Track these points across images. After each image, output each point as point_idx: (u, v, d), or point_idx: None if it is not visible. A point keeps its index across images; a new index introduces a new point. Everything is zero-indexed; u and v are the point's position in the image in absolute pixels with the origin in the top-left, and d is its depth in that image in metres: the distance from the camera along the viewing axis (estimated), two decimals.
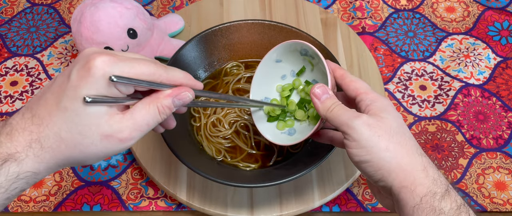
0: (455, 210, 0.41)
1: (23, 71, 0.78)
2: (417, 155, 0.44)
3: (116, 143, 0.38)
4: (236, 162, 0.63)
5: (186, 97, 0.41)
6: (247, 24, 0.69)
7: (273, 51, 0.58)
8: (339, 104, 0.48)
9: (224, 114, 0.67)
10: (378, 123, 0.45)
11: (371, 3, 0.87)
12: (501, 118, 0.73)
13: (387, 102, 0.47)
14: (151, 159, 0.65)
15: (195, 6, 0.83)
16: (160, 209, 0.65)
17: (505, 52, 0.80)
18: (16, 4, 0.87)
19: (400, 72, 0.78)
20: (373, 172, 0.45)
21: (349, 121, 0.45)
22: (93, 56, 0.36)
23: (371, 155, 0.44)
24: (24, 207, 0.64)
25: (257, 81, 0.61)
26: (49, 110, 0.36)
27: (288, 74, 0.63)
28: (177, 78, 0.40)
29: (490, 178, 0.67)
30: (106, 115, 0.37)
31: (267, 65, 0.61)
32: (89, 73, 0.35)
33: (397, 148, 0.44)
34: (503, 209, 0.64)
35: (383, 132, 0.44)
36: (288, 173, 0.56)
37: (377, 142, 0.44)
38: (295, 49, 0.58)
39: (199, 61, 0.69)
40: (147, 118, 0.39)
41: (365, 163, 0.45)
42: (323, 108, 0.48)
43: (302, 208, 0.62)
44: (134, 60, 0.37)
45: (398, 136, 0.44)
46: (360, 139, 0.44)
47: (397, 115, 0.46)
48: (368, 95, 0.48)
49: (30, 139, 0.36)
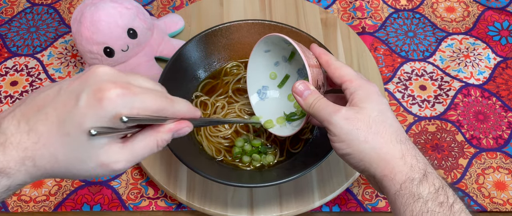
0: (433, 194, 0.43)
1: (23, 71, 0.78)
2: (396, 143, 0.45)
3: (109, 171, 0.37)
4: (236, 162, 0.63)
5: (186, 132, 0.41)
6: (247, 24, 0.69)
7: (258, 44, 0.59)
8: (321, 99, 0.49)
9: (224, 114, 0.67)
10: (357, 115, 0.46)
11: (371, 3, 0.87)
12: (501, 118, 0.73)
13: (371, 89, 0.48)
14: (151, 159, 0.65)
15: (195, 6, 0.83)
16: (160, 209, 0.65)
17: (505, 52, 0.80)
18: (16, 4, 0.87)
19: (400, 72, 0.78)
20: (356, 163, 0.47)
21: (329, 117, 0.46)
22: (107, 86, 0.34)
23: (351, 147, 0.46)
24: (24, 207, 0.64)
25: (252, 74, 0.64)
26: (48, 129, 0.35)
27: (281, 60, 0.64)
28: (181, 112, 0.40)
29: (490, 178, 0.67)
30: (106, 145, 0.36)
31: (258, 57, 0.62)
32: (100, 105, 0.34)
33: (375, 139, 0.45)
34: (503, 209, 0.64)
35: (361, 124, 0.45)
36: (288, 173, 0.56)
37: (356, 135, 0.45)
38: (279, 40, 0.58)
39: (199, 61, 0.69)
40: (144, 151, 0.38)
41: (348, 156, 0.47)
42: (305, 105, 0.50)
43: (302, 208, 0.62)
44: (145, 93, 0.36)
45: (376, 125, 0.46)
46: (340, 133, 0.46)
47: (379, 102, 0.47)
48: (353, 83, 0.49)
49: (24, 156, 0.35)
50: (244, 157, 0.63)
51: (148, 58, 0.71)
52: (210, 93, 0.69)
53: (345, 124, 0.45)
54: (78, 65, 0.79)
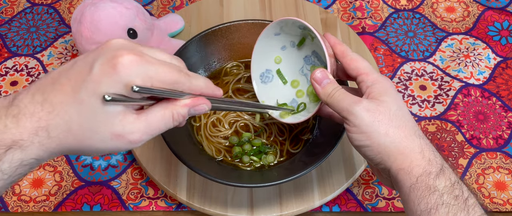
0: (449, 187, 0.43)
1: (23, 71, 0.78)
2: (416, 138, 0.46)
3: (125, 144, 0.37)
4: (236, 162, 0.63)
5: (203, 109, 0.40)
6: (247, 24, 0.69)
7: (271, 26, 0.59)
8: (339, 89, 0.49)
9: (224, 114, 0.67)
10: (378, 108, 0.46)
11: (371, 3, 0.87)
12: (501, 118, 0.73)
13: (388, 84, 0.48)
14: (151, 159, 0.65)
15: (195, 6, 0.83)
16: (160, 209, 0.65)
17: (505, 52, 0.80)
18: (16, 4, 0.87)
19: (400, 72, 0.78)
20: (373, 156, 0.46)
21: (350, 107, 0.46)
22: (120, 52, 0.34)
23: (371, 140, 0.45)
24: (24, 207, 0.64)
25: (256, 57, 0.63)
26: (63, 98, 0.34)
27: (288, 45, 0.63)
28: (199, 87, 0.39)
29: (490, 178, 0.67)
30: (120, 115, 0.36)
31: (266, 38, 0.61)
32: (114, 70, 0.34)
33: (396, 132, 0.45)
34: (503, 209, 0.64)
35: (383, 116, 0.45)
36: (288, 173, 0.56)
37: (377, 127, 0.45)
38: (293, 24, 0.58)
39: (199, 61, 0.69)
40: (160, 124, 0.38)
41: (365, 147, 0.46)
42: (323, 93, 0.49)
43: (302, 208, 0.62)
44: (160, 64, 0.36)
45: (397, 119, 0.46)
46: (360, 124, 0.45)
47: (397, 97, 0.48)
48: (369, 76, 0.49)
49: (38, 126, 0.34)
50: (244, 157, 0.63)
51: None
52: None
53: (367, 116, 0.45)
54: None
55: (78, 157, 0.69)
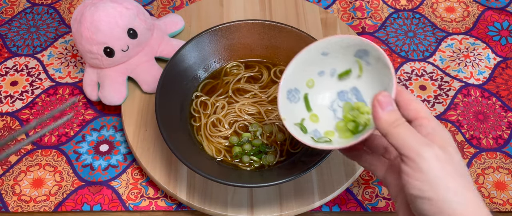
0: None
1: (23, 71, 0.78)
2: (483, 206, 0.40)
3: None
4: (236, 162, 0.63)
5: None
6: (247, 24, 0.69)
7: (323, 41, 0.51)
8: (405, 122, 0.42)
9: (224, 114, 0.67)
10: (447, 157, 0.40)
11: (371, 3, 0.87)
12: (501, 118, 0.73)
13: (448, 134, 0.43)
14: (151, 159, 0.65)
15: (195, 6, 0.83)
16: (160, 209, 0.65)
17: (505, 52, 0.80)
18: (16, 4, 0.87)
19: (400, 72, 0.78)
20: (431, 212, 0.40)
21: (419, 148, 0.40)
22: None
23: (435, 193, 0.39)
24: (24, 207, 0.64)
25: (293, 69, 0.53)
26: None
27: (327, 72, 0.54)
28: None
29: (490, 178, 0.67)
30: None
31: (310, 53, 0.52)
32: None
33: (466, 195, 0.40)
34: (503, 209, 0.64)
35: (452, 170, 0.40)
36: (288, 173, 0.56)
37: (446, 182, 0.39)
38: (348, 46, 0.50)
39: (199, 61, 0.69)
40: None
41: (424, 199, 0.40)
42: (386, 121, 0.42)
43: (302, 208, 0.62)
44: None
45: (463, 178, 0.40)
46: (427, 172, 0.40)
47: (457, 150, 0.43)
48: (430, 123, 0.43)
49: None
50: (244, 157, 0.63)
51: (148, 58, 0.71)
52: (210, 93, 0.69)
53: (437, 164, 0.39)
54: (78, 65, 0.79)
55: (78, 157, 0.69)
